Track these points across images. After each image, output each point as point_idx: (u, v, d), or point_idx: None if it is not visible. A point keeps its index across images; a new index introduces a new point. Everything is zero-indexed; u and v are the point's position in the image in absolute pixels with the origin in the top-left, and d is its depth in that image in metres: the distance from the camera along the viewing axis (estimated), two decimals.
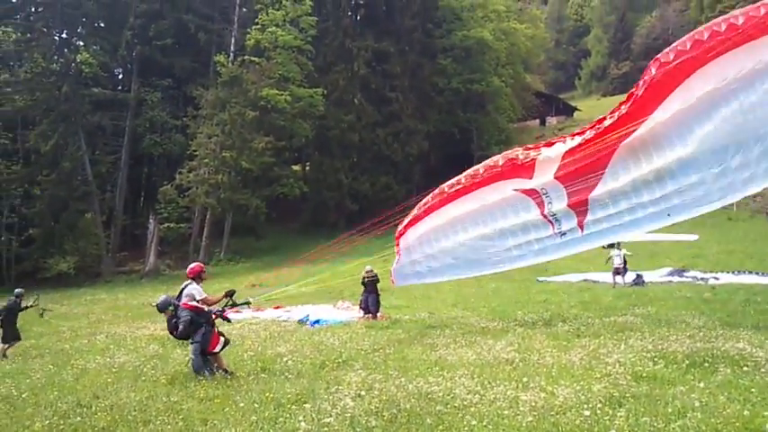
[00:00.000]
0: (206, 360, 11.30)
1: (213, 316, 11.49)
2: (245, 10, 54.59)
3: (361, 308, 18.88)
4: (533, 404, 7.48)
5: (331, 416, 7.40)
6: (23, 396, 10.82)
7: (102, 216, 51.41)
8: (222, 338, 11.32)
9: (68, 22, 53.62)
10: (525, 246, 13.96)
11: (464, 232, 14.55)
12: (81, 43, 55.58)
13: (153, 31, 52.87)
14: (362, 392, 8.49)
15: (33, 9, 55.23)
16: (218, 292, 29.20)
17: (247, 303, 13.27)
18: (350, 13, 60.41)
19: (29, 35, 51.87)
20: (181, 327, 11.22)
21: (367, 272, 18.69)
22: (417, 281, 16.64)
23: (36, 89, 49.32)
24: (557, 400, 7.57)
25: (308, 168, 60.39)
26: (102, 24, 56.23)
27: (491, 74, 62.79)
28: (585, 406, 7.20)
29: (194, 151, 47.54)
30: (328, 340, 14.16)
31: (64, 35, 54.97)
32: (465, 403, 7.75)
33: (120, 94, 54.71)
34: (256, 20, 49.82)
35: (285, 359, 11.89)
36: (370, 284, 18.51)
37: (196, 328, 11.27)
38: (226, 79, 48.41)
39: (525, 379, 8.75)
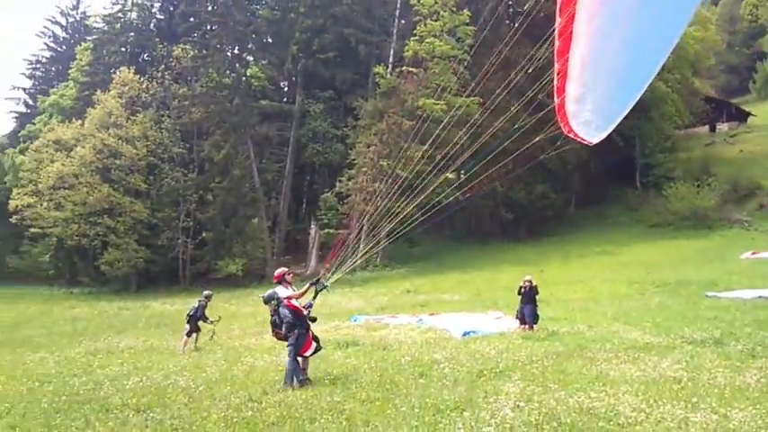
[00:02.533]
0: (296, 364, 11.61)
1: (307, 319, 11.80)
2: (403, 22, 55.68)
3: (516, 318, 18.60)
4: (704, 426, 7.11)
5: (490, 425, 7.41)
6: (200, 389, 11.68)
7: (267, 221, 54.36)
8: (315, 344, 11.65)
9: (239, 38, 57.31)
10: None
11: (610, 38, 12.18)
12: (251, 58, 59.29)
13: (316, 46, 55.22)
14: (521, 404, 8.42)
15: (209, 27, 59.38)
16: (376, 296, 29.90)
17: (324, 288, 12.92)
18: (507, 21, 59.90)
19: (204, 52, 55.91)
20: (284, 328, 11.63)
21: (525, 281, 18.34)
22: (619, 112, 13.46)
23: (210, 102, 53.10)
24: (731, 424, 7.15)
25: (462, 176, 60.44)
26: (269, 40, 59.66)
27: (656, 78, 59.71)
28: (764, 431, 6.75)
29: (353, 160, 49.05)
30: (484, 349, 14.10)
31: (236, 51, 58.70)
32: (630, 421, 7.48)
33: (285, 105, 57.57)
34: (414, 31, 50.64)
35: (442, 366, 11.99)
36: (528, 294, 18.19)
37: (291, 329, 11.63)
38: (384, 90, 49.61)
39: (695, 399, 8.31)
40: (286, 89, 63.58)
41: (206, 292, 19.63)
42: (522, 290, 18.22)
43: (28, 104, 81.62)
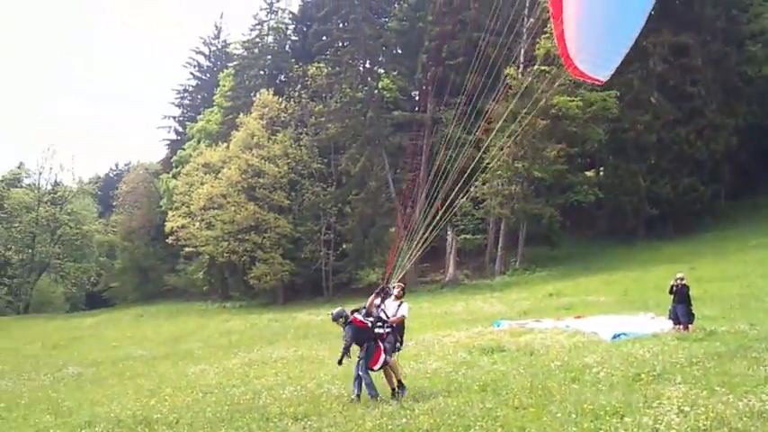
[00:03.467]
0: (368, 378, 11.70)
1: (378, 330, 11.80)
2: (532, 20, 54.67)
3: (669, 318, 17.72)
4: None
5: (654, 431, 7.10)
6: (352, 397, 11.96)
7: (404, 230, 54.88)
8: (383, 357, 11.57)
9: (370, 52, 58.41)
10: None
11: None
12: (382, 71, 60.26)
13: (446, 52, 55.28)
14: (686, 408, 7.99)
15: (341, 44, 60.97)
16: (517, 301, 29.47)
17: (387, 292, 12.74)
18: None
19: (337, 68, 57.48)
20: (344, 343, 11.75)
21: (677, 279, 17.46)
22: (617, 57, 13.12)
23: (345, 117, 54.54)
24: None
25: (602, 174, 58.44)
26: (399, 51, 60.39)
27: None
28: None
29: (487, 164, 48.66)
30: (638, 352, 13.52)
31: (367, 65, 59.92)
32: None
33: (417, 114, 57.96)
34: (545, 29, 49.58)
35: (594, 370, 11.62)
36: (681, 293, 17.29)
37: (361, 343, 11.68)
38: (516, 91, 48.86)
39: None
40: (417, 98, 64.07)
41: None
42: (675, 288, 17.37)
43: (178, 132, 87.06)
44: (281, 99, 58.70)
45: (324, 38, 63.42)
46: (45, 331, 50.89)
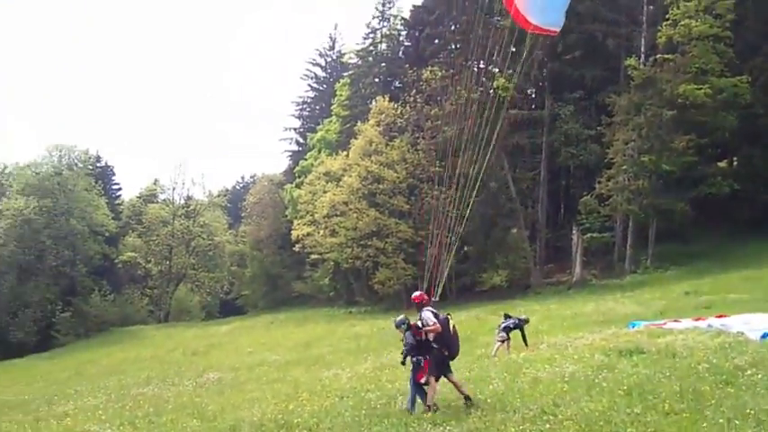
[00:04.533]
0: (420, 390, 12.11)
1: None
2: (652, 8, 52.52)
3: None
4: None
5: None
6: (488, 401, 11.88)
7: (526, 230, 54.07)
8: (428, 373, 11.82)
9: (484, 52, 57.91)
10: None
11: None
12: (496, 70, 59.56)
13: (561, 47, 54.03)
14: None
15: (453, 46, 60.87)
16: (652, 300, 28.39)
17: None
18: None
19: (451, 71, 57.34)
20: (404, 352, 12.31)
21: None
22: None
23: (461, 119, 54.13)
24: None
25: (735, 164, 55.17)
26: (513, 49, 59.55)
27: None
28: None
29: (611, 159, 47.10)
30: None
31: (481, 65, 59.44)
32: None
33: (534, 112, 56.96)
34: (666, 16, 47.52)
35: (748, 372, 10.98)
36: None
37: (410, 354, 12.13)
38: (638, 82, 47.07)
39: None
40: (533, 96, 62.94)
41: (523, 317, 21.29)
42: None
43: (299, 143, 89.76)
44: (396, 105, 59.27)
45: (436, 41, 63.59)
46: (184, 338, 53.83)
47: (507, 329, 20.11)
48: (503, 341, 20.00)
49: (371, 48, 70.27)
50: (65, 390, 29.94)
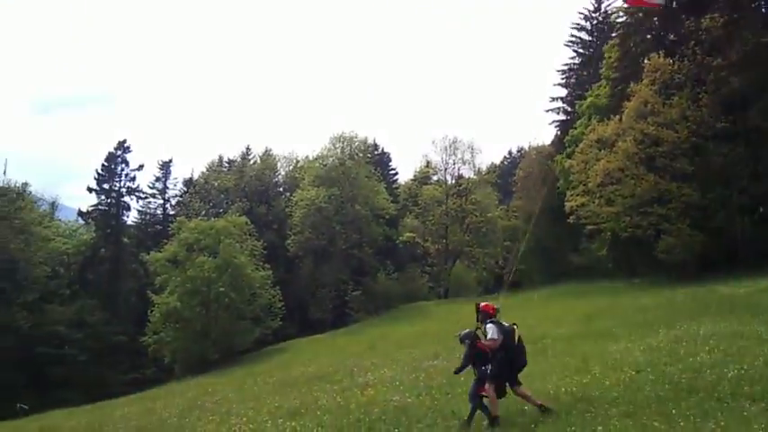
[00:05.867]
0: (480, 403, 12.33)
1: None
2: None
3: None
4: None
5: None
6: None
7: None
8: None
9: None
10: None
11: None
12: None
13: None
14: None
15: None
16: None
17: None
18: None
19: (735, 15, 51.73)
20: (461, 364, 12.85)
21: None
22: None
23: (750, 67, 48.72)
24: None
25: None
26: None
27: None
28: None
29: None
30: None
31: None
32: None
33: None
34: None
35: None
36: None
37: (478, 365, 12.34)
38: None
39: None
40: None
41: None
42: None
43: (567, 111, 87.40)
44: (672, 60, 54.92)
45: None
46: (465, 313, 55.34)
47: None
48: None
49: None
50: (362, 362, 32.30)
